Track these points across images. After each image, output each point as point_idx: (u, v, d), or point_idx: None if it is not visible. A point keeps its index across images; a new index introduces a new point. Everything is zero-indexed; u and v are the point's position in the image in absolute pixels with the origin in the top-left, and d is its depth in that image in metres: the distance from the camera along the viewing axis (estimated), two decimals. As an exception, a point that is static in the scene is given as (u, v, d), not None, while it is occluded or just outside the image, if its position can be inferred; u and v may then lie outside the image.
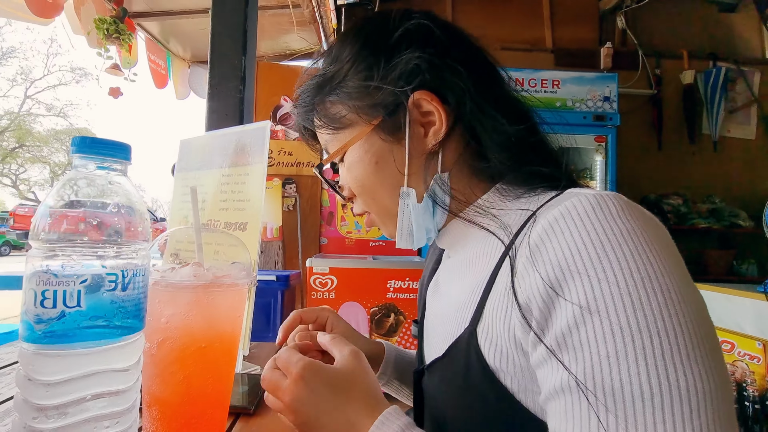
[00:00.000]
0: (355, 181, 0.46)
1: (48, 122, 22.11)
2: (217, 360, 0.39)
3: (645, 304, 0.26)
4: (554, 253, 0.30)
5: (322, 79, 0.45)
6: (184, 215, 0.71)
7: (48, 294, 0.26)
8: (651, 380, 0.25)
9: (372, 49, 0.42)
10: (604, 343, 0.26)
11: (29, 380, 0.27)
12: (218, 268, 0.39)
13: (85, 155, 0.29)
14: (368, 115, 0.43)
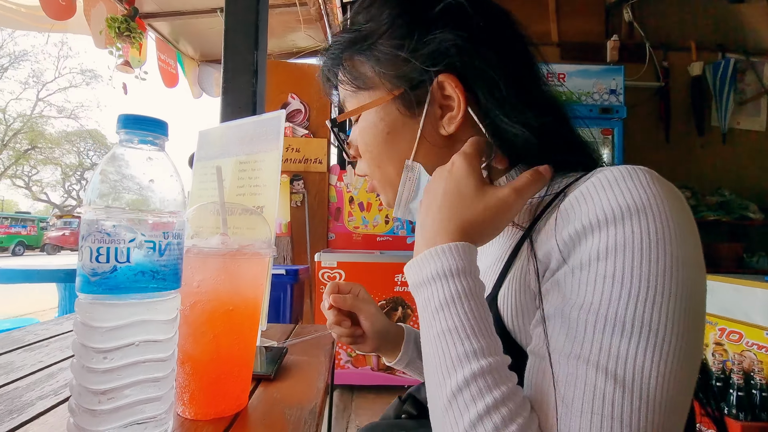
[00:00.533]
0: (365, 145, 0.46)
1: (59, 124, 22.52)
2: (242, 322, 0.42)
3: (653, 261, 0.29)
4: (581, 214, 0.32)
5: (355, 36, 0.44)
6: (203, 202, 0.74)
7: (102, 251, 0.30)
8: (635, 321, 0.28)
9: (409, 18, 0.42)
10: (607, 281, 0.29)
11: (85, 326, 0.30)
12: (243, 239, 0.43)
13: (129, 130, 0.33)
14: (391, 84, 0.43)
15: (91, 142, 23.97)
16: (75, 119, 22.77)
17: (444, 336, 0.32)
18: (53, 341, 0.62)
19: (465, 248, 0.35)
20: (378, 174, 0.47)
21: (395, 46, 0.42)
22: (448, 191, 0.37)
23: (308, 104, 3.17)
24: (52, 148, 22.12)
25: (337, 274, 2.58)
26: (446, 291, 0.33)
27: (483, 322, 0.33)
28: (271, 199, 0.64)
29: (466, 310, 0.32)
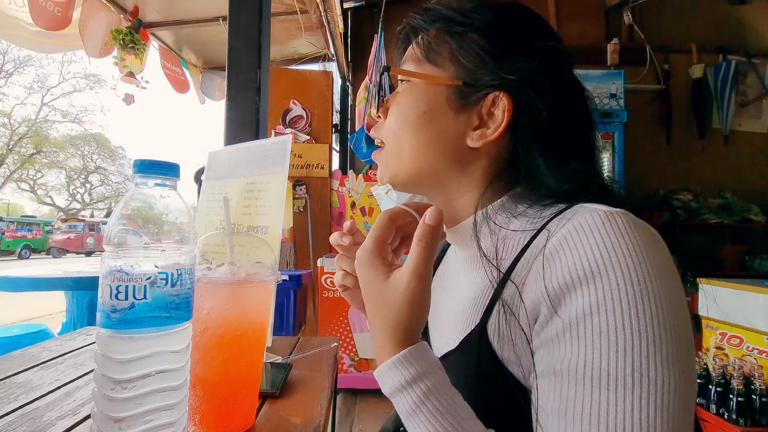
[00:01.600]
0: (398, 111, 0.46)
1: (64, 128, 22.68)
2: (249, 346, 0.44)
3: (640, 311, 0.31)
4: (566, 263, 0.34)
5: (454, 16, 0.45)
6: (210, 220, 0.77)
7: (121, 289, 0.32)
8: (635, 374, 0.30)
9: (509, 31, 0.44)
10: (599, 338, 0.31)
11: (105, 358, 0.33)
12: (249, 266, 0.45)
13: (144, 174, 0.35)
14: (456, 73, 0.44)
15: (95, 145, 24.16)
16: (79, 123, 22.96)
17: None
18: (68, 358, 0.65)
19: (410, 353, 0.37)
20: (393, 143, 0.47)
21: (484, 45, 0.43)
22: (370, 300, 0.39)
23: (310, 110, 3.20)
24: (57, 152, 22.31)
25: (339, 278, 2.60)
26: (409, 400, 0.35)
27: (450, 414, 0.34)
28: (276, 220, 0.66)
29: (431, 410, 0.35)
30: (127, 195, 0.35)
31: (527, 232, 0.41)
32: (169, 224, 0.35)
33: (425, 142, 0.45)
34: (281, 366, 0.63)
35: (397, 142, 0.47)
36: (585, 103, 0.47)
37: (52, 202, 24.11)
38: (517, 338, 0.38)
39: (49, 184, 23.62)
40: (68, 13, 1.92)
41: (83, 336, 0.78)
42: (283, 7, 2.59)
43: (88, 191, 25.32)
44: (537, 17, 0.47)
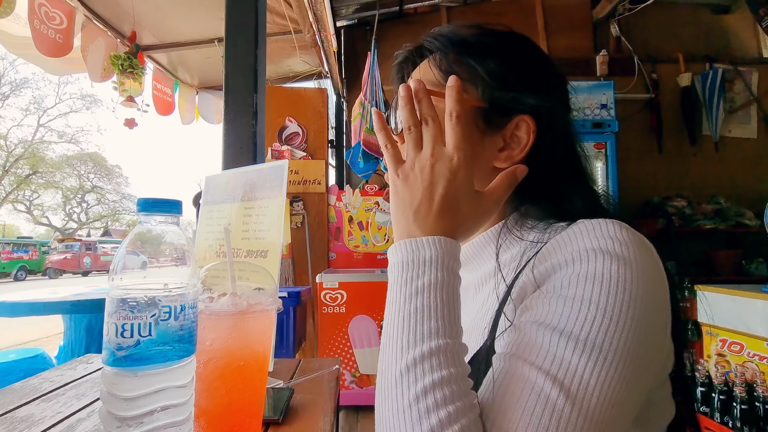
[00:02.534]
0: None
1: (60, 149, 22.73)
2: (252, 376, 0.45)
3: (613, 295, 0.33)
4: (557, 255, 0.37)
5: (477, 41, 0.46)
6: (209, 245, 0.78)
7: (126, 327, 0.33)
8: (588, 341, 0.32)
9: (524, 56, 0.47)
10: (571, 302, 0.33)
11: (111, 396, 0.33)
12: (251, 295, 0.46)
13: (148, 213, 0.36)
14: (479, 95, 0.45)
15: (91, 164, 24.18)
16: (75, 143, 23.03)
17: (416, 313, 0.35)
18: (69, 388, 0.65)
19: (454, 244, 0.39)
20: None
21: (507, 69, 0.45)
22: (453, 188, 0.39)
23: (305, 127, 3.24)
24: (53, 172, 22.30)
25: (339, 294, 2.59)
26: (431, 277, 0.36)
27: (453, 312, 0.36)
28: (275, 245, 0.67)
29: (442, 296, 0.36)
30: (131, 233, 0.36)
31: (532, 249, 0.43)
32: (173, 260, 0.36)
33: (476, 168, 0.45)
34: (283, 391, 0.63)
35: None
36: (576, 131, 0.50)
37: (48, 222, 24.00)
38: None
39: (46, 205, 23.54)
40: (69, 39, 1.96)
41: (84, 365, 0.78)
42: (277, 27, 2.64)
43: (85, 210, 25.24)
44: (541, 49, 0.50)
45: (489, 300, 0.45)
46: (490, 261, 0.48)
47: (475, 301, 0.49)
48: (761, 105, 3.36)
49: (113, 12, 2.27)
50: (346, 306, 2.57)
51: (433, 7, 3.56)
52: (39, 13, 1.78)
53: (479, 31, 0.48)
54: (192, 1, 2.30)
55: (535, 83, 0.46)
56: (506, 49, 0.47)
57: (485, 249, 0.49)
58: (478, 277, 0.50)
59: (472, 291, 0.50)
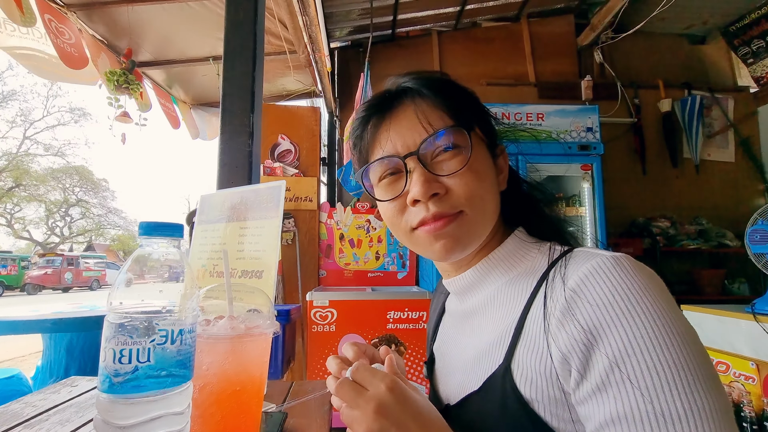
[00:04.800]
0: (477, 173, 0.47)
1: (45, 161, 22.32)
2: (249, 401, 0.44)
3: (669, 344, 0.34)
4: (589, 306, 0.37)
5: (452, 86, 0.52)
6: (202, 264, 0.77)
7: (125, 352, 0.33)
8: (684, 405, 0.32)
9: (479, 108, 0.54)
10: (642, 379, 0.33)
11: (106, 424, 0.33)
12: (248, 318, 0.46)
13: (149, 237, 0.36)
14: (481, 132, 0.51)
15: (77, 178, 23.76)
16: (62, 156, 22.67)
17: None
18: (53, 414, 0.63)
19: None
20: (478, 208, 0.48)
21: (486, 114, 0.54)
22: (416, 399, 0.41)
23: (298, 144, 3.26)
24: (37, 185, 21.83)
25: (329, 312, 2.56)
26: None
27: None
28: (271, 265, 0.67)
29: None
30: (132, 256, 0.36)
31: (537, 272, 0.45)
32: (174, 284, 0.36)
33: (495, 199, 0.51)
34: (276, 415, 0.62)
35: (482, 204, 0.48)
36: None
37: (29, 236, 23.34)
38: (543, 381, 0.39)
39: (28, 218, 22.92)
40: (83, 52, 2.03)
41: (68, 388, 0.76)
42: (272, 47, 2.69)
43: (68, 224, 24.65)
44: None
45: (506, 319, 0.46)
46: (497, 281, 0.50)
47: (485, 322, 0.50)
48: (737, 130, 3.51)
49: (110, 29, 2.29)
50: (336, 324, 2.54)
51: (425, 31, 3.67)
52: (51, 27, 1.82)
53: (447, 78, 0.54)
54: (188, 20, 2.33)
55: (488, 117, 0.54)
56: (473, 96, 0.54)
57: (490, 272, 0.51)
58: (483, 299, 0.51)
59: (480, 313, 0.51)
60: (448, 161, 0.47)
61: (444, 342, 0.58)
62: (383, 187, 0.51)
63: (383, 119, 0.51)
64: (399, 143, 0.49)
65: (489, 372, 0.44)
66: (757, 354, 1.67)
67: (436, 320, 0.64)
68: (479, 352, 0.47)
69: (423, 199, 0.46)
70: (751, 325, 1.70)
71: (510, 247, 0.51)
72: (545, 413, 0.39)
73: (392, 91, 0.52)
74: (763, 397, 1.60)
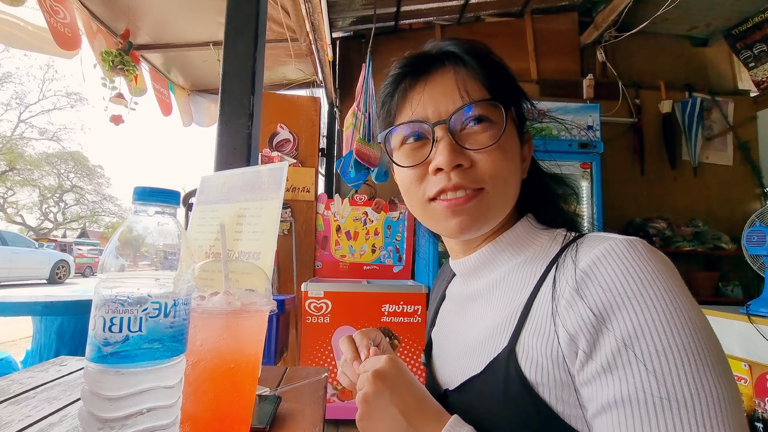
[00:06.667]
0: (505, 153, 0.46)
1: (40, 146, 22.05)
2: (243, 379, 0.43)
3: (680, 329, 0.33)
4: (600, 288, 0.36)
5: (496, 60, 0.50)
6: (199, 245, 0.75)
7: (115, 321, 0.31)
8: (691, 390, 0.31)
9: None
10: (650, 361, 0.32)
11: (94, 395, 0.31)
12: (244, 295, 0.45)
13: (144, 202, 0.35)
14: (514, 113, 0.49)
15: (72, 163, 23.50)
16: (57, 141, 22.40)
17: None
18: (40, 391, 0.61)
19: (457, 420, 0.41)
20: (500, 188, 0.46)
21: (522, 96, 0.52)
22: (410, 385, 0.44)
23: (297, 134, 3.23)
24: (31, 170, 21.57)
25: (323, 304, 2.55)
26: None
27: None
28: (269, 247, 0.65)
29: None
30: (125, 222, 0.34)
31: (547, 256, 0.44)
32: (168, 253, 0.35)
33: (517, 182, 0.49)
34: (270, 399, 0.61)
35: (504, 185, 0.46)
36: None
37: (22, 221, 23.10)
38: (548, 363, 0.38)
39: (21, 203, 22.68)
40: (77, 33, 1.97)
41: (56, 367, 0.74)
42: (273, 34, 2.65)
43: (62, 210, 24.42)
44: None
45: (512, 303, 0.45)
46: (505, 265, 0.49)
47: (489, 306, 0.49)
48: (736, 134, 3.52)
49: (108, 8, 2.24)
50: (330, 316, 2.53)
51: (428, 24, 3.63)
52: (46, 5, 1.76)
53: (491, 52, 0.51)
54: (189, 2, 2.29)
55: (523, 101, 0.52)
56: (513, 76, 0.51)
57: (498, 255, 0.50)
58: (490, 281, 0.50)
59: (484, 296, 0.51)
60: (478, 135, 0.46)
61: (443, 327, 0.57)
62: (405, 152, 0.49)
63: (418, 80, 0.49)
64: (431, 108, 0.47)
65: (492, 355, 0.43)
66: (749, 355, 1.68)
67: (435, 306, 0.63)
68: (482, 336, 0.46)
69: (447, 168, 0.45)
70: (745, 326, 1.71)
71: (520, 231, 0.50)
72: (549, 397, 0.38)
73: (431, 54, 0.49)
74: (755, 397, 1.61)
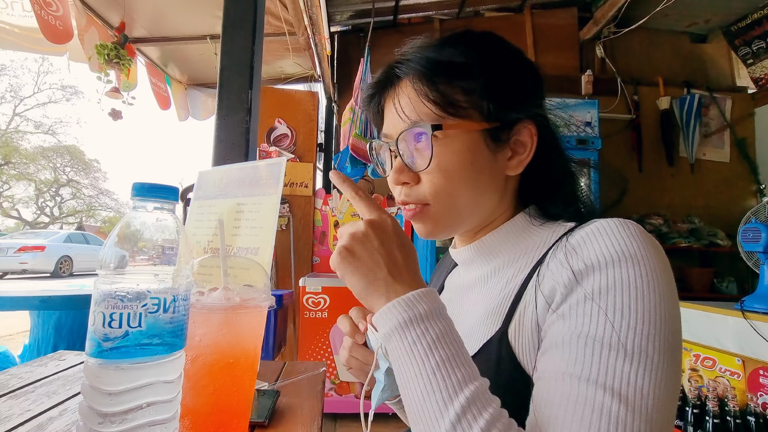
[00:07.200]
0: (444, 172, 0.45)
1: (36, 139, 21.86)
2: (242, 374, 0.43)
3: (647, 299, 0.34)
4: (585, 255, 0.38)
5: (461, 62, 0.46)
6: (197, 240, 0.75)
7: (115, 316, 0.31)
8: (635, 349, 0.33)
9: (515, 64, 0.48)
10: (612, 313, 0.34)
11: (94, 390, 0.31)
12: (243, 291, 0.45)
13: (143, 198, 0.35)
14: (482, 116, 0.45)
15: (68, 157, 23.33)
16: (53, 135, 22.21)
17: (439, 369, 0.34)
18: (39, 386, 0.61)
19: (432, 290, 0.39)
20: (446, 201, 0.47)
21: (503, 84, 0.46)
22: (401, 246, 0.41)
23: (295, 129, 3.21)
24: (27, 164, 21.41)
25: (321, 299, 2.56)
26: (436, 329, 0.36)
27: (465, 353, 0.36)
28: (267, 242, 0.65)
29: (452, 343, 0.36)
30: (124, 218, 0.34)
31: (545, 245, 0.45)
32: (167, 249, 0.35)
33: (479, 190, 0.47)
34: (269, 393, 0.61)
35: (449, 200, 0.47)
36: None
37: (18, 215, 22.97)
38: (533, 335, 0.40)
39: (17, 197, 22.52)
40: (69, 26, 1.94)
41: (55, 361, 0.74)
42: (271, 28, 2.63)
43: (58, 204, 24.28)
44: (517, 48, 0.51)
45: (506, 289, 0.46)
46: (503, 255, 0.50)
47: (485, 293, 0.50)
48: (734, 131, 3.52)
49: (103, 1, 2.22)
50: (328, 311, 2.54)
51: (427, 19, 3.61)
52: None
53: (463, 49, 0.47)
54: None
55: (527, 90, 0.49)
56: (495, 63, 0.47)
57: (494, 248, 0.51)
58: (487, 271, 0.51)
59: (481, 285, 0.51)
60: (421, 154, 0.47)
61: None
62: (384, 159, 0.54)
63: (387, 92, 0.51)
64: (390, 126, 0.50)
65: (488, 336, 0.44)
66: (743, 350, 1.70)
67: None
68: (477, 321, 0.47)
69: (395, 184, 0.49)
70: (739, 321, 1.73)
71: (518, 224, 0.50)
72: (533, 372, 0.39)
73: (392, 66, 0.50)
74: (748, 392, 1.63)
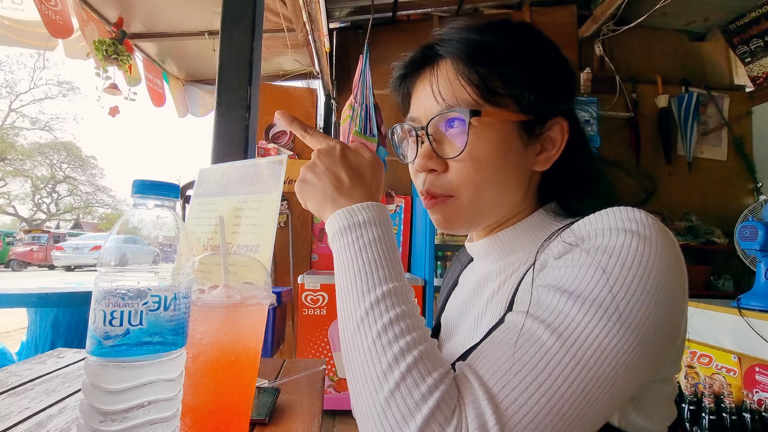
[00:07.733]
0: (476, 161, 0.44)
1: (32, 136, 21.75)
2: (243, 372, 0.43)
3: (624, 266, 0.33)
4: (582, 227, 0.38)
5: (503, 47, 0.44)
6: (197, 237, 0.75)
7: (116, 314, 0.31)
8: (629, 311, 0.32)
9: (554, 58, 0.47)
10: (594, 269, 0.33)
11: (95, 388, 0.31)
12: (244, 288, 0.45)
13: (143, 195, 0.34)
14: (518, 108, 0.44)
15: (65, 154, 23.21)
16: (49, 131, 22.08)
17: (365, 266, 0.38)
18: (38, 383, 0.61)
19: (378, 204, 0.43)
20: (471, 192, 0.45)
21: (541, 76, 0.45)
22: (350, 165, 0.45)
23: (294, 126, 3.20)
24: (23, 160, 21.29)
25: (320, 296, 2.56)
26: (371, 234, 0.40)
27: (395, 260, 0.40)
28: (267, 240, 0.65)
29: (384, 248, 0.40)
30: (124, 216, 0.34)
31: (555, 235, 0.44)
32: (167, 246, 0.35)
33: (505, 184, 0.46)
34: (269, 391, 0.61)
35: (475, 192, 0.45)
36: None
37: (14, 212, 22.85)
38: None
39: (13, 193, 22.40)
40: (68, 20, 1.94)
41: (54, 359, 0.74)
42: (270, 24, 2.61)
43: (55, 201, 24.17)
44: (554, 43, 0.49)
45: (508, 282, 0.46)
46: (517, 252, 0.48)
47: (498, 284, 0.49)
48: (731, 129, 3.53)
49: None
50: (327, 308, 2.54)
51: (426, 16, 3.60)
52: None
53: (506, 36, 0.46)
54: (183, -8, 2.25)
55: (563, 85, 0.47)
56: (537, 53, 0.46)
57: (508, 244, 0.49)
58: (500, 266, 0.50)
59: (493, 279, 0.50)
60: (453, 140, 0.45)
61: (452, 310, 0.57)
62: (407, 145, 0.52)
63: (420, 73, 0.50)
64: (420, 109, 0.48)
65: (490, 326, 0.43)
66: (739, 347, 1.71)
67: (447, 292, 0.63)
68: (482, 310, 0.47)
69: (421, 170, 0.48)
70: (735, 319, 1.74)
71: (534, 221, 0.48)
72: None
73: (429, 46, 0.48)
74: (744, 389, 1.64)
